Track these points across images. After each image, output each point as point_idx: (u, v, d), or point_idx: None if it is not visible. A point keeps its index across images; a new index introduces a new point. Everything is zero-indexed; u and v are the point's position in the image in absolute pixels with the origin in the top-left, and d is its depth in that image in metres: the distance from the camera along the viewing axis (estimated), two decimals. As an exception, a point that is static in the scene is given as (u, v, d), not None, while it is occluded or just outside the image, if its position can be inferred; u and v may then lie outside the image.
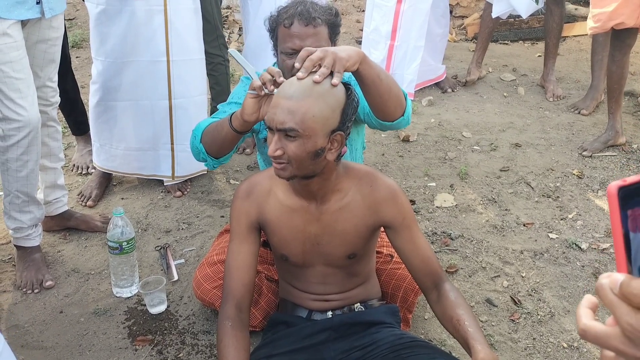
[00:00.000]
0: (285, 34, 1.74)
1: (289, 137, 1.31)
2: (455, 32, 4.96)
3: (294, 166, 1.35)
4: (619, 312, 0.51)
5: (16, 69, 1.93)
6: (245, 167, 2.98)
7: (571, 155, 3.11)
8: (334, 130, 1.35)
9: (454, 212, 2.62)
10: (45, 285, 2.15)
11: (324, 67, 1.31)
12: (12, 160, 2.03)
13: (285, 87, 1.33)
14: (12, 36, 1.92)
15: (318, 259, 1.55)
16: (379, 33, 3.68)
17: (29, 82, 1.99)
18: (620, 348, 0.51)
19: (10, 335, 1.93)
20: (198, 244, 2.39)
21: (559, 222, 2.56)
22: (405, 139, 3.23)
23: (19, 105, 1.96)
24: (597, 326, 0.53)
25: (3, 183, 2.13)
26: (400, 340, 1.51)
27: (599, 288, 0.52)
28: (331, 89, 1.32)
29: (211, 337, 1.93)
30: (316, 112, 1.30)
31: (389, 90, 1.51)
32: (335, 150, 1.37)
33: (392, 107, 1.56)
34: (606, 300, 0.51)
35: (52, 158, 2.30)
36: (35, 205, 2.17)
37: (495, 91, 3.90)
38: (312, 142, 1.32)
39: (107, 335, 1.94)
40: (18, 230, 2.17)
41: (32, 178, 2.11)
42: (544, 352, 1.88)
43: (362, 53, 1.40)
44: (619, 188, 0.51)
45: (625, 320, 0.50)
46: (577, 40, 4.82)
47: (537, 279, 2.21)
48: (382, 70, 1.50)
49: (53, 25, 2.09)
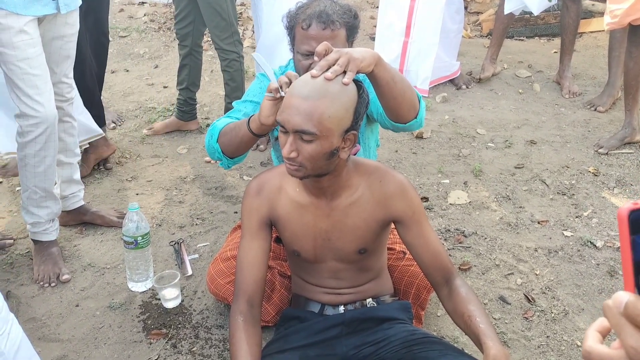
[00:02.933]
0: (303, 35, 1.72)
1: (304, 138, 1.31)
2: (470, 29, 4.93)
3: (309, 167, 1.35)
4: (623, 334, 0.50)
5: (33, 65, 1.96)
6: (258, 163, 2.99)
7: (587, 152, 3.08)
8: (348, 130, 1.35)
9: (468, 210, 2.61)
10: (62, 279, 2.18)
11: (337, 66, 1.30)
12: (30, 156, 2.07)
13: (298, 87, 1.32)
14: (29, 33, 1.94)
15: (329, 254, 1.55)
16: (393, 30, 3.68)
17: (45, 78, 2.01)
18: None
19: (28, 327, 1.96)
20: (212, 240, 2.41)
21: (574, 220, 2.54)
22: (418, 135, 3.22)
23: (36, 102, 1.98)
24: (601, 349, 0.52)
25: (21, 179, 2.17)
26: (412, 337, 1.51)
27: (606, 308, 0.51)
28: (344, 89, 1.31)
29: (224, 331, 1.94)
30: (332, 113, 1.30)
31: (403, 93, 1.51)
32: (348, 149, 1.38)
33: (405, 110, 1.55)
34: (613, 322, 0.51)
35: (67, 153, 2.33)
36: (52, 201, 2.20)
37: (510, 88, 3.87)
38: (329, 143, 1.32)
39: (122, 329, 1.96)
40: (35, 224, 2.20)
41: (50, 174, 2.14)
42: (557, 350, 1.87)
43: (378, 55, 1.39)
44: (630, 212, 0.51)
45: (629, 342, 0.49)
46: (594, 36, 4.77)
47: (551, 277, 2.20)
48: (397, 72, 1.49)
49: (68, 21, 2.12)
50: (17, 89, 1.97)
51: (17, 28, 1.91)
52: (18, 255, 2.33)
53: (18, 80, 1.96)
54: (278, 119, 1.34)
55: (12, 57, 1.94)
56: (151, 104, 3.60)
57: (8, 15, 1.90)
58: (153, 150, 3.10)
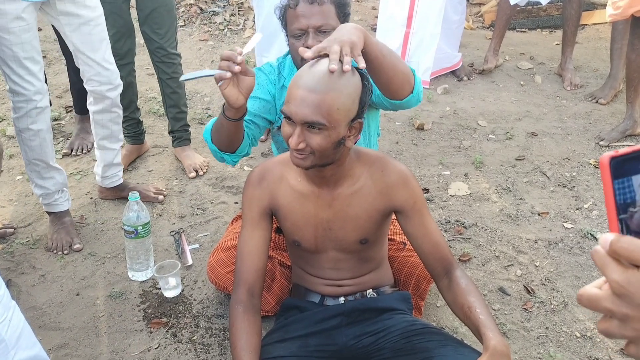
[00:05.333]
0: (292, 15, 1.73)
1: (312, 129, 1.31)
2: (472, 20, 4.91)
3: (317, 156, 1.35)
4: (608, 270, 0.54)
5: (26, 49, 2.02)
6: (259, 154, 2.99)
7: (588, 144, 3.08)
8: (354, 119, 1.35)
9: (468, 201, 2.61)
10: (74, 248, 2.28)
11: (347, 57, 1.29)
12: (24, 130, 2.14)
13: (305, 79, 1.31)
14: (25, 19, 1.98)
15: (330, 244, 1.55)
16: (394, 20, 3.66)
17: (36, 59, 2.07)
18: (609, 307, 0.54)
19: (28, 316, 1.96)
20: (212, 230, 2.41)
21: (574, 212, 2.54)
22: (420, 127, 3.21)
23: (25, 81, 2.06)
24: (590, 290, 0.57)
25: (22, 153, 2.24)
26: (412, 327, 1.52)
27: (593, 253, 0.56)
28: (349, 80, 1.31)
29: (224, 320, 1.95)
30: (340, 105, 1.30)
31: (394, 66, 1.49)
32: (353, 137, 1.38)
33: (398, 84, 1.54)
34: (599, 263, 0.55)
35: (111, 139, 2.43)
36: (55, 171, 2.27)
37: (511, 79, 3.86)
38: (336, 133, 1.32)
39: (122, 318, 1.97)
40: (45, 196, 2.29)
41: (46, 147, 2.20)
42: (556, 341, 1.88)
43: (363, 30, 1.38)
44: (611, 159, 0.56)
45: (613, 278, 0.54)
46: (596, 28, 4.75)
47: (551, 269, 2.20)
48: (385, 46, 1.47)
49: (88, 4, 2.13)
50: (8, 68, 2.04)
51: (14, 14, 1.95)
52: (19, 244, 2.34)
53: (9, 61, 2.02)
54: (284, 110, 1.33)
55: (7, 41, 1.99)
56: (151, 94, 3.59)
57: (6, 0, 1.90)
58: (153, 140, 3.09)
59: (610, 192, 0.56)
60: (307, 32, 1.71)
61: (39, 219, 2.47)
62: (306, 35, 1.71)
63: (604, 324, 0.56)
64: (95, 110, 2.34)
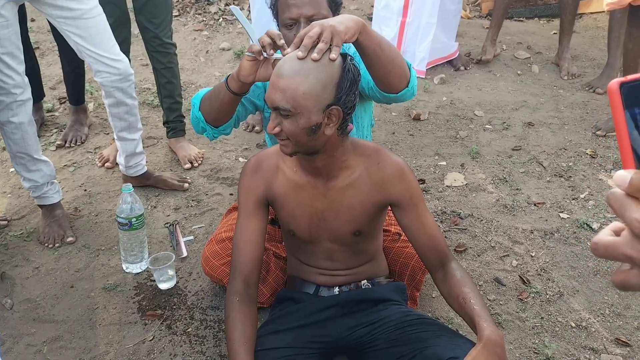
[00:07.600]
0: (283, 4, 1.70)
1: (283, 115, 1.31)
2: (469, 9, 4.88)
3: (293, 142, 1.34)
4: (628, 211, 0.48)
5: (4, 45, 2.00)
6: (254, 144, 2.97)
7: (585, 134, 3.07)
8: (330, 105, 1.31)
9: (464, 192, 2.60)
10: (66, 241, 2.26)
11: (321, 43, 1.27)
12: (5, 123, 2.12)
13: (279, 65, 1.31)
14: (4, 16, 1.97)
15: (324, 234, 1.54)
16: (390, 9, 3.63)
17: (14, 54, 2.04)
18: (628, 253, 0.49)
19: (22, 308, 1.96)
20: (207, 222, 2.40)
21: (571, 202, 2.53)
22: (416, 117, 3.20)
23: (5, 75, 2.04)
24: (606, 237, 0.51)
25: (7, 147, 2.22)
26: (406, 318, 1.51)
27: (609, 195, 0.49)
28: (320, 64, 1.28)
29: (219, 312, 1.94)
30: (306, 90, 1.27)
31: (392, 60, 1.47)
32: (333, 125, 1.33)
33: (395, 78, 1.52)
34: (616, 205, 0.49)
35: (131, 130, 2.42)
36: (41, 163, 2.25)
37: (508, 69, 3.84)
38: (306, 119, 1.30)
39: (117, 310, 1.96)
40: (34, 189, 2.27)
41: (29, 139, 2.17)
42: (551, 331, 1.88)
43: (362, 22, 1.36)
44: (621, 84, 0.49)
45: (634, 217, 0.47)
46: (594, 17, 4.72)
47: (547, 259, 2.20)
48: (384, 39, 1.45)
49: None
50: None
51: None
52: (12, 236, 2.32)
53: None
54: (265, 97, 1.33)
55: None
56: (146, 85, 3.57)
57: None
58: (148, 131, 3.07)
59: (622, 122, 0.49)
60: (298, 21, 1.68)
61: (32, 211, 2.46)
62: (298, 25, 1.69)
63: (621, 275, 0.50)
64: (109, 103, 2.31)
